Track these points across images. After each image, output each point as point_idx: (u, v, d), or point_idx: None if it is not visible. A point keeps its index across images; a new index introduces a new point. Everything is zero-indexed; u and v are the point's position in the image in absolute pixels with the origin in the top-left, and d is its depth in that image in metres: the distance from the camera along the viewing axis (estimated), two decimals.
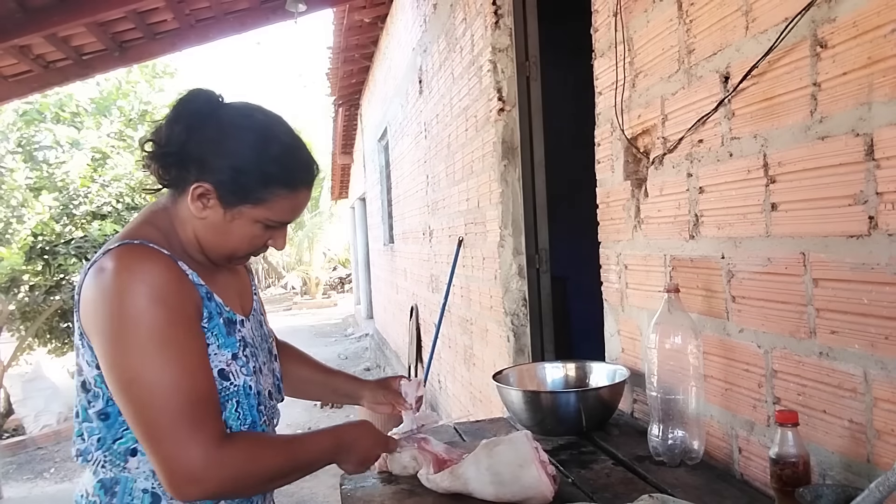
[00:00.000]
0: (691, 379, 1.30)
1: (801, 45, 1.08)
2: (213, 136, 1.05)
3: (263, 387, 1.16)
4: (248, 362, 1.11)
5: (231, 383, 1.07)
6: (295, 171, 1.09)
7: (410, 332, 6.03)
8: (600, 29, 1.85)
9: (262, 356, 1.18)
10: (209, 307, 1.08)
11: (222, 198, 1.05)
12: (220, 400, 1.05)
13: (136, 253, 1.01)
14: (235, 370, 1.08)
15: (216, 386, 1.04)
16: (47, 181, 7.62)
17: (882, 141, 0.95)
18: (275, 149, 1.07)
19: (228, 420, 1.07)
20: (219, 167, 1.04)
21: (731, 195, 1.29)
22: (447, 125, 4.00)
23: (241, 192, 1.05)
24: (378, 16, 6.52)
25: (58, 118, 8.31)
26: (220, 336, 1.08)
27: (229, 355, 1.08)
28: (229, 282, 1.20)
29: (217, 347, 1.07)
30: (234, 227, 1.07)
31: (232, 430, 1.07)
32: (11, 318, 7.49)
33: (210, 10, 4.57)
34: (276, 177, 1.06)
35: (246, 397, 1.09)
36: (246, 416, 1.09)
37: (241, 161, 1.04)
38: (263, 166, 1.05)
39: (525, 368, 1.89)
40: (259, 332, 1.22)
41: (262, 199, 1.05)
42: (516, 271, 2.89)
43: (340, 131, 11.39)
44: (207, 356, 1.04)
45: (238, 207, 1.06)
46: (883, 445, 0.98)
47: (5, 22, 3.60)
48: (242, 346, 1.11)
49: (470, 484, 1.21)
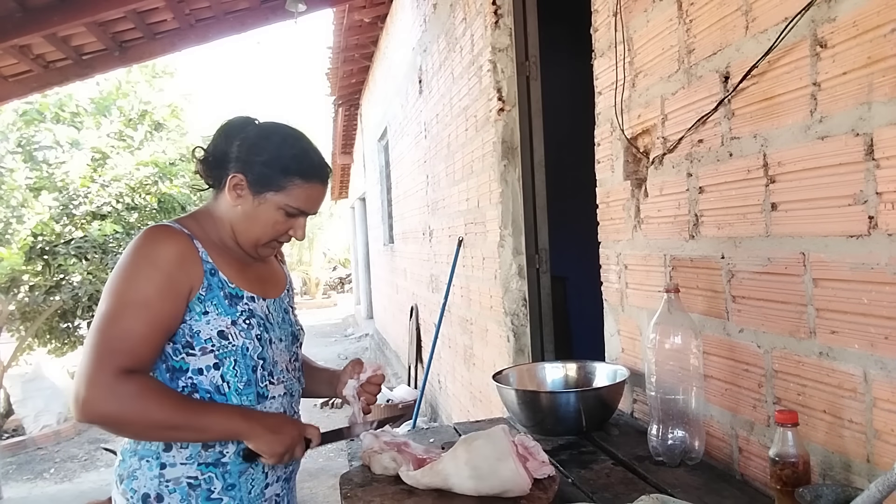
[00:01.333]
0: (691, 379, 1.30)
1: (801, 44, 1.08)
2: (247, 141, 1.33)
3: (273, 357, 1.36)
4: (250, 329, 1.31)
5: (230, 343, 1.29)
6: (309, 166, 1.35)
7: (410, 332, 6.03)
8: (600, 29, 1.85)
9: (278, 332, 1.39)
10: (210, 280, 1.30)
11: (252, 186, 1.32)
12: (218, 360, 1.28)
13: (159, 229, 1.29)
14: (234, 333, 1.29)
15: (158, 340, 1.24)
16: (47, 181, 7.61)
17: (882, 141, 0.95)
18: (294, 149, 1.35)
19: (226, 376, 1.29)
20: (251, 162, 1.32)
21: (730, 195, 1.29)
22: (447, 125, 4.00)
23: (266, 180, 1.31)
24: (378, 16, 6.52)
25: (58, 118, 8.30)
26: (219, 305, 1.29)
27: (229, 321, 1.29)
28: (257, 271, 1.43)
29: (217, 314, 1.29)
30: (261, 212, 1.33)
31: (229, 383, 1.29)
32: (11, 318, 7.48)
33: (210, 10, 4.57)
34: (294, 169, 1.32)
35: (243, 357, 1.30)
36: (242, 374, 1.30)
37: (268, 157, 1.32)
38: (284, 161, 1.32)
39: (525, 368, 1.89)
40: (281, 315, 1.44)
41: (282, 187, 1.31)
42: (516, 271, 2.89)
43: (340, 131, 11.39)
44: (166, 319, 1.24)
45: (264, 194, 1.32)
46: (883, 445, 0.98)
47: (5, 22, 3.60)
48: (247, 316, 1.32)
49: (450, 479, 1.22)
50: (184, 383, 1.29)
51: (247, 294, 1.35)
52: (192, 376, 1.28)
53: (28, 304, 7.40)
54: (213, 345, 1.28)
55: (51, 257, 7.27)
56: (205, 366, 1.28)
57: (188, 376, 1.28)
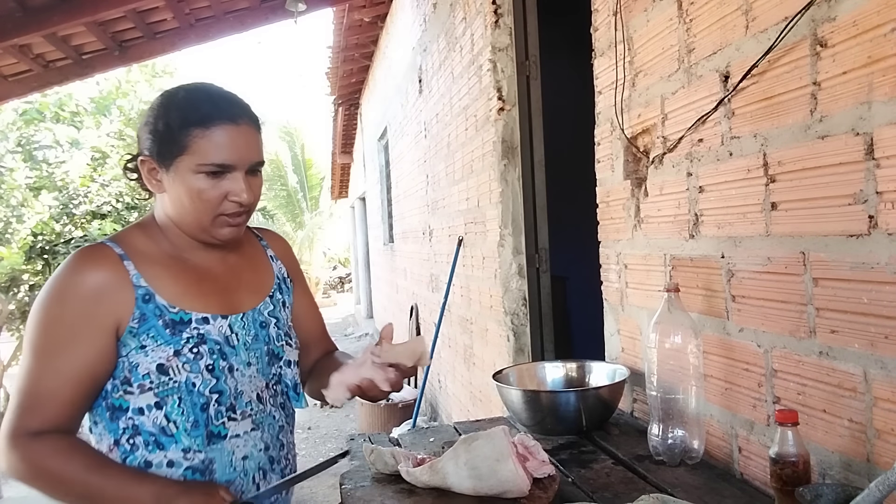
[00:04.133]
0: (691, 378, 1.30)
1: (801, 44, 1.08)
2: (139, 121, 1.18)
3: (236, 388, 1.17)
4: (198, 360, 1.13)
5: (171, 379, 1.11)
6: (198, 110, 1.11)
7: (410, 331, 6.03)
8: (600, 28, 1.85)
9: (243, 356, 1.19)
10: (144, 309, 1.11)
11: (159, 161, 1.13)
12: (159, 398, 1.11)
13: (81, 254, 1.12)
14: (176, 366, 1.11)
15: (71, 393, 1.09)
16: (47, 181, 7.62)
17: (882, 140, 0.95)
18: (180, 97, 1.14)
19: (171, 415, 1.12)
20: (145, 137, 1.15)
21: (730, 194, 1.29)
22: (447, 124, 4.00)
23: (165, 147, 1.12)
24: (378, 15, 6.51)
25: (58, 118, 8.31)
26: (157, 336, 1.11)
27: (170, 351, 1.11)
28: (213, 278, 1.21)
29: (156, 345, 1.11)
30: (180, 185, 1.12)
31: (176, 423, 1.12)
32: (11, 318, 7.49)
33: (210, 10, 4.57)
34: (187, 118, 1.11)
35: (189, 394, 1.12)
36: (189, 413, 1.12)
37: (156, 120, 1.13)
38: (174, 116, 1.12)
39: (525, 368, 1.89)
40: (252, 331, 1.22)
41: (184, 146, 1.10)
42: (516, 271, 2.89)
43: (340, 131, 11.38)
44: (86, 365, 1.09)
45: (174, 164, 1.12)
46: (883, 445, 0.98)
47: (5, 22, 3.60)
48: (194, 344, 1.13)
49: (449, 478, 1.22)
50: (125, 424, 1.13)
51: (196, 316, 1.15)
52: (132, 416, 1.12)
53: (28, 303, 7.41)
54: (152, 381, 1.11)
55: (51, 256, 7.28)
56: (145, 405, 1.12)
57: (128, 416, 1.12)
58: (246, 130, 1.14)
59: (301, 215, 18.87)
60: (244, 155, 1.13)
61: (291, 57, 65.29)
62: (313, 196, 19.26)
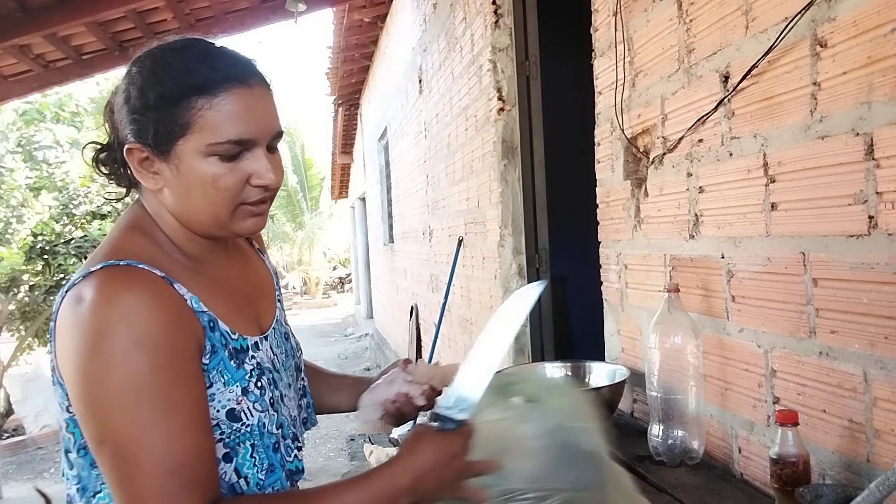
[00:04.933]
0: (691, 379, 1.30)
1: (801, 44, 1.08)
2: (116, 98, 0.89)
3: (287, 416, 0.96)
4: (263, 395, 0.91)
5: (243, 424, 0.87)
6: (205, 73, 0.84)
7: (410, 331, 6.03)
8: (600, 28, 1.85)
9: (285, 378, 0.99)
10: (212, 339, 0.87)
11: (155, 149, 0.85)
12: (229, 448, 0.87)
13: (120, 280, 0.81)
14: (247, 408, 0.88)
15: (209, 443, 0.83)
16: (47, 181, 7.63)
17: (882, 140, 0.95)
18: (172, 63, 0.85)
19: (243, 468, 0.87)
20: (129, 119, 0.86)
21: (730, 195, 1.29)
22: (447, 125, 4.00)
23: (160, 128, 0.84)
24: (378, 15, 6.52)
25: (58, 118, 8.32)
26: (225, 372, 0.87)
27: (239, 391, 0.88)
28: (239, 290, 0.99)
29: (223, 385, 0.87)
30: (186, 175, 0.86)
31: (247, 478, 0.87)
32: (11, 318, 7.49)
33: (210, 10, 4.57)
34: (186, 86, 0.84)
35: (261, 437, 0.89)
36: (263, 459, 0.89)
37: (142, 95, 0.85)
38: (165, 86, 0.84)
39: (525, 368, 1.89)
40: (282, 347, 1.03)
41: (186, 124, 0.84)
42: (516, 271, 2.89)
43: (340, 131, 11.39)
44: (202, 406, 0.83)
45: (173, 149, 0.85)
46: (883, 445, 0.98)
47: (5, 22, 3.60)
48: (256, 377, 0.91)
49: None
50: None
51: (251, 341, 0.93)
52: None
53: (28, 303, 7.41)
54: (222, 431, 0.86)
55: (51, 257, 7.28)
56: None
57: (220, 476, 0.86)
58: (260, 93, 0.88)
59: (301, 215, 18.89)
60: (264, 125, 0.88)
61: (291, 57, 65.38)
62: (313, 196, 19.28)
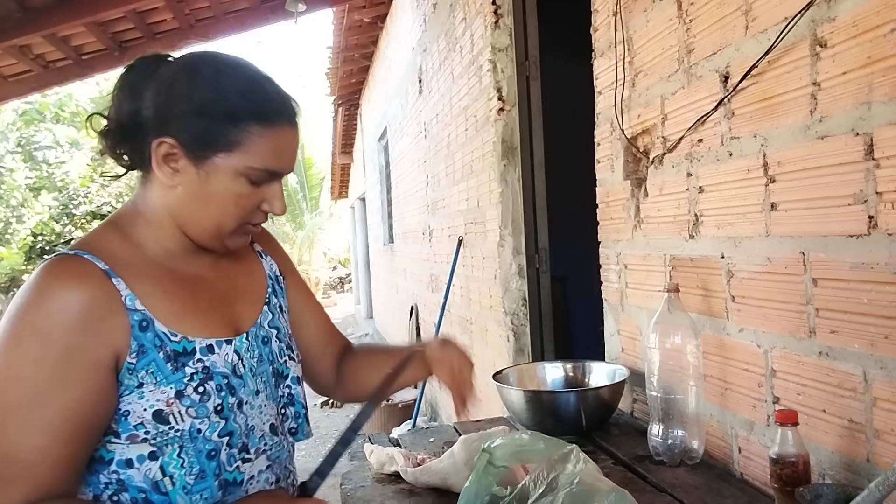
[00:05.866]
0: (691, 378, 1.30)
1: (801, 44, 1.08)
2: (164, 87, 0.91)
3: (247, 424, 0.96)
4: (204, 401, 0.91)
5: (171, 427, 0.88)
6: (267, 103, 0.92)
7: (410, 331, 6.03)
8: (600, 28, 1.85)
9: (251, 385, 0.98)
10: (142, 339, 0.88)
11: (189, 151, 0.89)
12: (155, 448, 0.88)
13: (56, 269, 0.86)
14: (178, 412, 0.88)
15: (63, 450, 0.83)
16: (47, 181, 7.63)
17: (882, 140, 0.95)
18: (238, 81, 0.91)
19: (168, 467, 0.89)
20: (179, 115, 0.89)
21: (730, 195, 1.29)
22: (447, 125, 4.00)
23: (207, 137, 0.88)
24: (378, 15, 6.52)
25: (58, 118, 8.32)
26: (157, 373, 0.88)
27: (172, 393, 0.88)
28: (214, 291, 1.00)
29: (154, 385, 0.88)
30: (213, 186, 0.90)
31: (173, 478, 0.89)
32: None
33: (210, 10, 4.57)
34: (245, 110, 0.89)
35: (192, 442, 0.90)
36: (193, 464, 0.90)
37: (200, 100, 0.89)
38: (227, 101, 0.89)
39: (525, 368, 1.89)
40: (257, 352, 1.01)
41: (235, 142, 0.89)
42: (516, 271, 2.89)
43: (340, 131, 11.39)
44: (74, 412, 0.83)
45: (210, 159, 0.89)
46: (883, 445, 0.98)
47: (5, 22, 3.60)
48: (199, 381, 0.91)
49: (448, 479, 1.23)
50: (107, 479, 0.89)
51: (200, 344, 0.92)
52: (117, 469, 0.88)
53: None
54: (147, 431, 0.87)
55: None
56: (135, 455, 0.88)
57: (112, 470, 0.88)
58: (296, 135, 0.96)
59: (301, 215, 18.88)
60: (291, 162, 0.96)
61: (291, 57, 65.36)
62: (313, 196, 19.27)
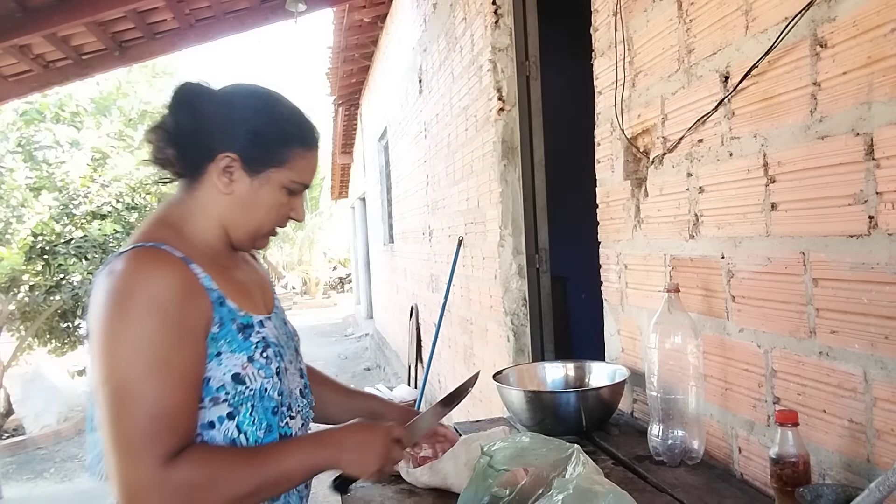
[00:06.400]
0: (691, 379, 1.30)
1: (801, 44, 1.08)
2: (222, 110, 1.09)
3: (288, 387, 1.14)
4: (269, 364, 1.08)
5: (247, 387, 1.05)
6: (308, 130, 1.14)
7: (410, 331, 6.03)
8: (600, 28, 1.85)
9: (287, 354, 1.16)
10: (220, 313, 1.04)
11: (247, 165, 1.08)
12: (232, 408, 1.03)
13: (146, 256, 1.00)
14: (252, 374, 1.05)
15: (193, 404, 0.99)
16: (47, 181, 7.62)
17: (882, 140, 0.95)
18: (284, 110, 1.13)
19: (243, 425, 1.05)
20: (237, 134, 1.07)
21: (730, 195, 1.29)
22: (447, 125, 4.00)
23: (264, 155, 1.08)
24: (378, 15, 6.52)
25: (58, 118, 8.31)
26: (233, 342, 1.05)
27: (245, 359, 1.05)
28: (249, 279, 1.19)
29: (231, 352, 1.04)
30: (262, 195, 1.10)
31: (247, 434, 1.05)
32: (11, 318, 7.49)
33: (210, 10, 4.57)
34: (294, 135, 1.11)
35: (261, 400, 1.06)
36: (261, 420, 1.07)
37: (257, 124, 1.09)
38: (280, 126, 1.10)
39: (525, 368, 1.89)
40: (283, 329, 1.20)
41: (284, 160, 1.09)
42: (516, 271, 2.89)
43: (340, 131, 11.39)
44: (194, 372, 1.00)
45: (264, 172, 1.09)
46: (883, 445, 0.98)
47: (5, 22, 3.60)
48: (262, 348, 1.08)
49: (449, 479, 1.23)
50: None
51: (256, 318, 1.10)
52: (200, 432, 1.02)
53: (28, 303, 7.41)
54: (227, 392, 1.03)
55: (51, 257, 7.27)
56: (217, 417, 1.03)
57: (196, 432, 1.02)
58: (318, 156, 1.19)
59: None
60: (314, 178, 1.19)
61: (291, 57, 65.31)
62: (313, 196, 19.29)
